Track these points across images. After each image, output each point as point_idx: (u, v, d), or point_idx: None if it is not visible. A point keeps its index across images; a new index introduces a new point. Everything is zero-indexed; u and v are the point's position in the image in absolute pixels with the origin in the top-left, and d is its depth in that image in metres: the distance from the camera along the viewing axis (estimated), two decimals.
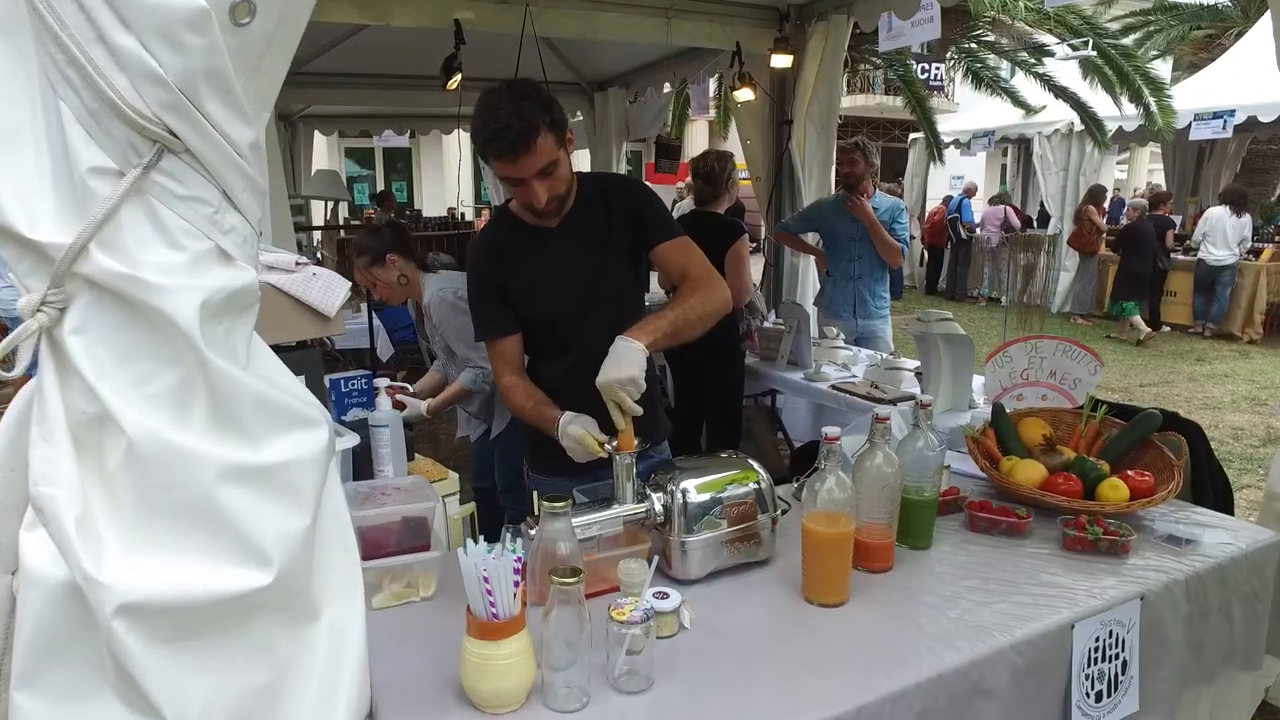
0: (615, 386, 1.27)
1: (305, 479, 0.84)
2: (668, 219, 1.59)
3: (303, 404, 0.87)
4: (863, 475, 1.32)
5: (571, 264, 1.54)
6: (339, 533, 0.97)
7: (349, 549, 0.99)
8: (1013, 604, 1.24)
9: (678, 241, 1.54)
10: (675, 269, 1.53)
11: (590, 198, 1.55)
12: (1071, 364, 1.81)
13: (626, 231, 1.55)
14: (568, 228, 1.55)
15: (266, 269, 1.23)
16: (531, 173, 1.40)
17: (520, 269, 1.55)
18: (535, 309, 1.56)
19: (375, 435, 1.42)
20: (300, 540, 0.83)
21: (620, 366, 1.29)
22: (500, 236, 1.59)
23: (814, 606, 1.25)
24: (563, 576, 0.94)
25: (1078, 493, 1.54)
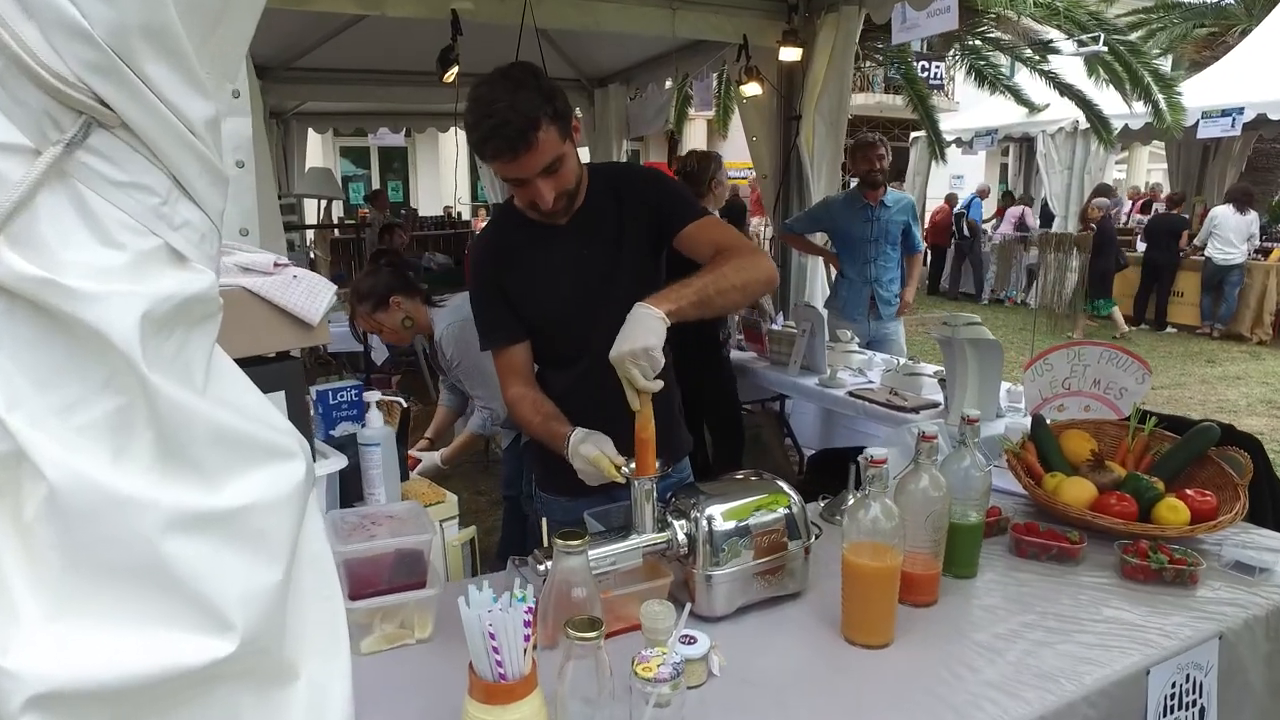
0: (627, 360, 1.12)
1: (276, 523, 0.71)
2: (687, 201, 1.43)
3: (275, 432, 0.73)
4: (906, 499, 1.19)
5: (582, 263, 1.41)
6: (320, 579, 0.83)
7: (331, 596, 0.85)
8: (1078, 644, 1.11)
9: (703, 221, 1.39)
10: (705, 246, 1.37)
11: (600, 191, 1.42)
12: (1118, 372, 1.68)
13: (642, 224, 1.42)
14: (577, 225, 1.41)
15: (241, 271, 1.09)
16: (535, 171, 1.27)
17: (526, 270, 1.42)
18: (542, 313, 1.43)
19: (364, 455, 1.29)
20: (270, 597, 0.69)
21: (632, 336, 1.13)
22: (504, 236, 1.46)
23: (855, 648, 1.12)
24: (581, 630, 0.81)
25: (1133, 514, 1.41)
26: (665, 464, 1.18)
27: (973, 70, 8.35)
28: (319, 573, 0.84)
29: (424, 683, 1.03)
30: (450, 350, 2.21)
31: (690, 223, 1.40)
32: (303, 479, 0.75)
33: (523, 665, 0.81)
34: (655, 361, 1.14)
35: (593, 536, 1.17)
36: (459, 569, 1.39)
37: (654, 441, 1.16)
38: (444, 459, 2.34)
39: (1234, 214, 7.13)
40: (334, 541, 1.08)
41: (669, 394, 1.55)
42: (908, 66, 8.97)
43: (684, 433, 1.61)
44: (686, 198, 1.47)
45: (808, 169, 4.00)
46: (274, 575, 0.70)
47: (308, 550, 0.81)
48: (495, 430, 2.30)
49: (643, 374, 1.13)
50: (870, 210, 3.38)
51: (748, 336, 3.37)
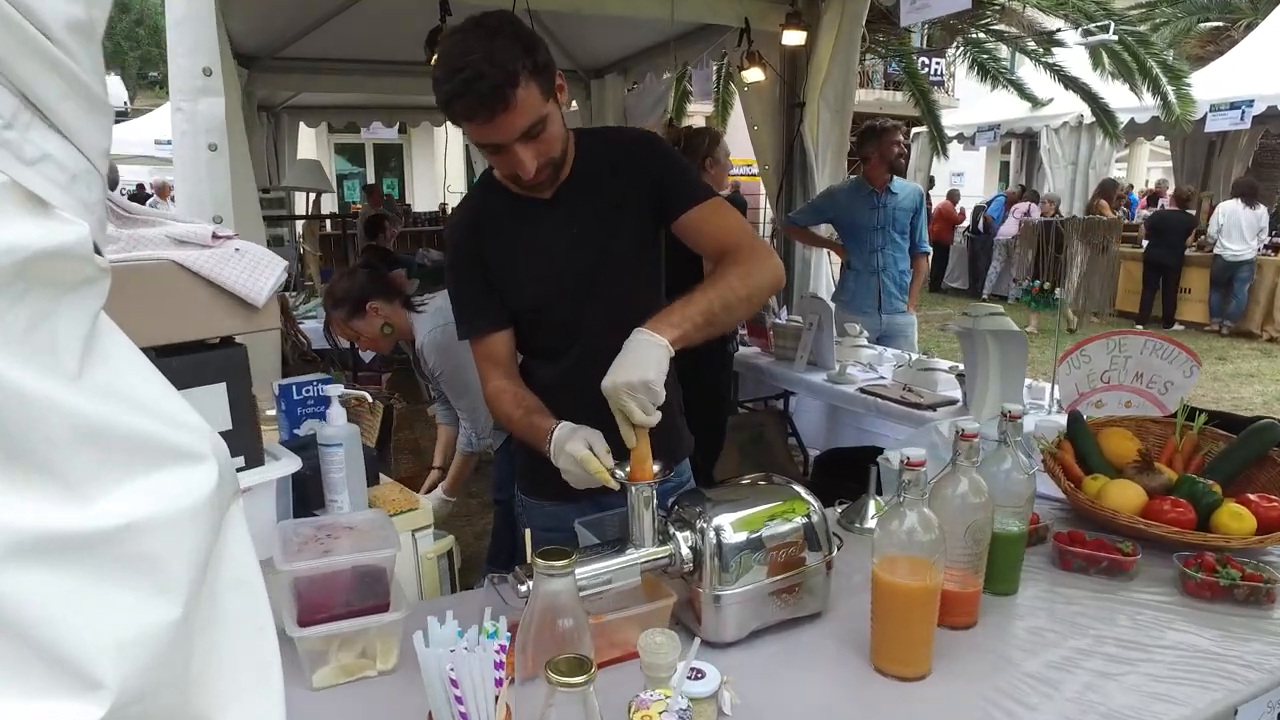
0: (624, 393, 0.98)
1: (172, 545, 0.55)
2: (692, 180, 1.27)
3: (175, 429, 0.58)
4: (942, 507, 1.04)
5: (570, 241, 1.25)
6: (246, 608, 0.67)
7: (262, 629, 0.69)
8: (1146, 676, 0.96)
9: (707, 206, 1.23)
10: (708, 241, 1.22)
11: (593, 159, 1.25)
12: (1163, 364, 1.54)
13: (639, 199, 1.25)
14: (565, 197, 1.25)
15: (173, 243, 0.94)
16: (514, 135, 1.10)
17: (508, 248, 1.26)
18: (526, 296, 1.27)
19: (325, 457, 1.13)
20: (161, 640, 0.54)
21: (631, 367, 0.99)
22: (483, 210, 1.29)
23: (887, 679, 0.97)
24: (565, 674, 0.66)
25: (1190, 522, 1.26)
26: (666, 467, 1.03)
27: (975, 64, 8.21)
28: (245, 600, 0.68)
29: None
30: (433, 360, 2.06)
31: (693, 206, 1.24)
32: (213, 488, 0.59)
33: (493, 716, 0.66)
34: (655, 396, 1.00)
35: (583, 551, 1.02)
36: (435, 585, 1.24)
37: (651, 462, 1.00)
38: (447, 491, 2.22)
39: (1243, 209, 6.98)
40: (281, 558, 0.92)
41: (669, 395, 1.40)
42: (909, 61, 8.83)
43: (685, 433, 1.45)
44: (691, 175, 1.30)
45: (811, 159, 3.85)
46: (167, 612, 0.54)
47: (229, 574, 0.66)
48: (486, 444, 2.16)
49: (640, 408, 0.99)
50: (876, 198, 3.23)
51: (751, 331, 3.22)
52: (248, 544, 0.69)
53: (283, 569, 0.90)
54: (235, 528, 0.67)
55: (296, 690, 0.95)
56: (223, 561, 0.65)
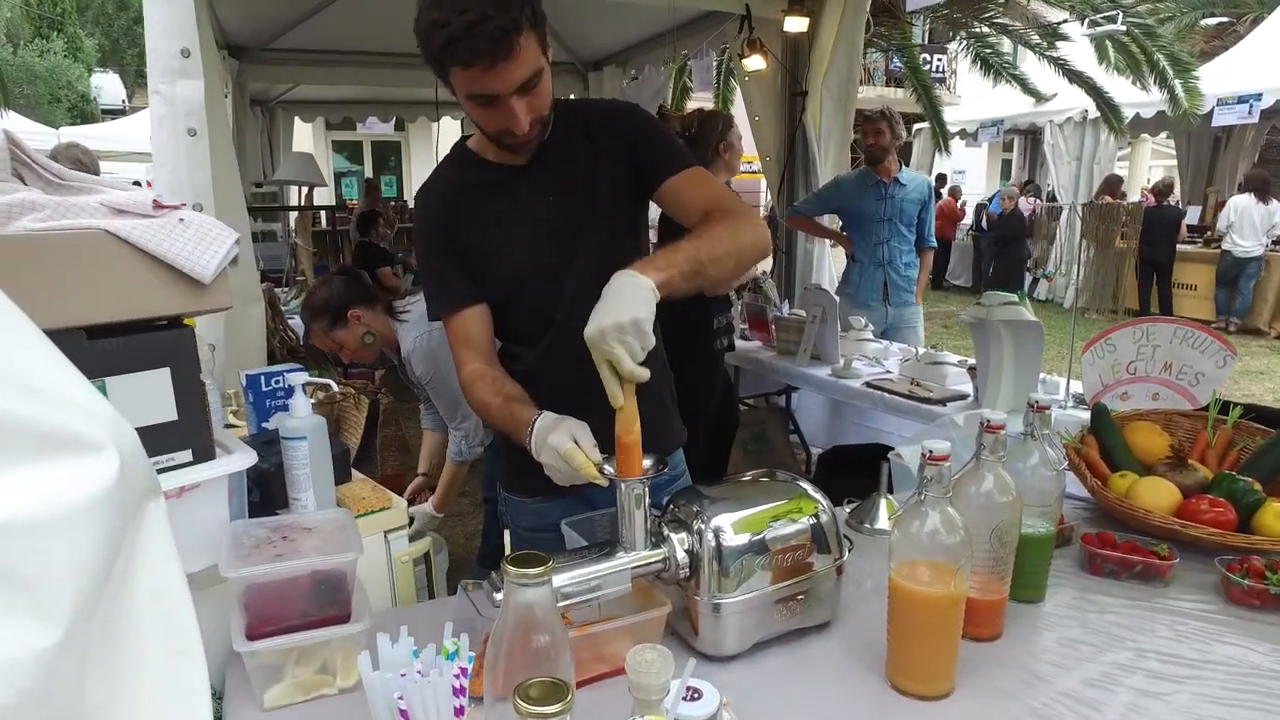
0: (611, 336, 0.87)
1: (49, 552, 0.45)
2: (674, 147, 1.19)
3: (64, 412, 0.48)
4: (965, 506, 0.94)
5: (547, 212, 1.16)
6: (166, 626, 0.58)
7: (185, 650, 0.60)
8: (1196, 695, 0.86)
9: (691, 174, 1.15)
10: (692, 206, 1.13)
11: (569, 127, 1.17)
12: (1194, 354, 1.44)
13: (619, 168, 1.17)
14: (541, 166, 1.17)
15: (111, 212, 0.84)
16: (512, 86, 1.02)
17: (481, 220, 1.16)
18: (500, 272, 1.17)
19: (287, 451, 1.03)
20: (32, 670, 0.44)
21: (616, 307, 0.89)
22: (454, 180, 1.20)
23: (905, 698, 0.87)
24: (537, 702, 0.56)
25: (1231, 523, 1.16)
26: (658, 463, 0.93)
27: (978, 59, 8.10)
28: (164, 617, 0.58)
29: None
30: (420, 367, 1.96)
31: (676, 173, 1.15)
32: (111, 483, 0.49)
33: None
34: (646, 339, 0.89)
35: (568, 554, 0.92)
36: (410, 592, 1.14)
37: (640, 446, 0.90)
38: (437, 506, 2.11)
39: (1255, 204, 6.85)
40: (228, 563, 0.83)
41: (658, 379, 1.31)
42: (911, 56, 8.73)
43: (677, 423, 1.36)
44: (672, 143, 1.21)
45: (814, 149, 3.75)
46: (41, 637, 0.44)
47: (143, 586, 0.56)
48: (476, 452, 2.06)
49: (629, 354, 0.88)
50: (883, 188, 3.13)
51: (753, 325, 3.12)
52: (169, 551, 0.59)
53: (228, 575, 0.80)
54: (153, 532, 0.57)
55: (247, 711, 0.85)
56: (135, 573, 0.55)
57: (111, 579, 0.52)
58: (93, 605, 0.49)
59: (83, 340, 0.80)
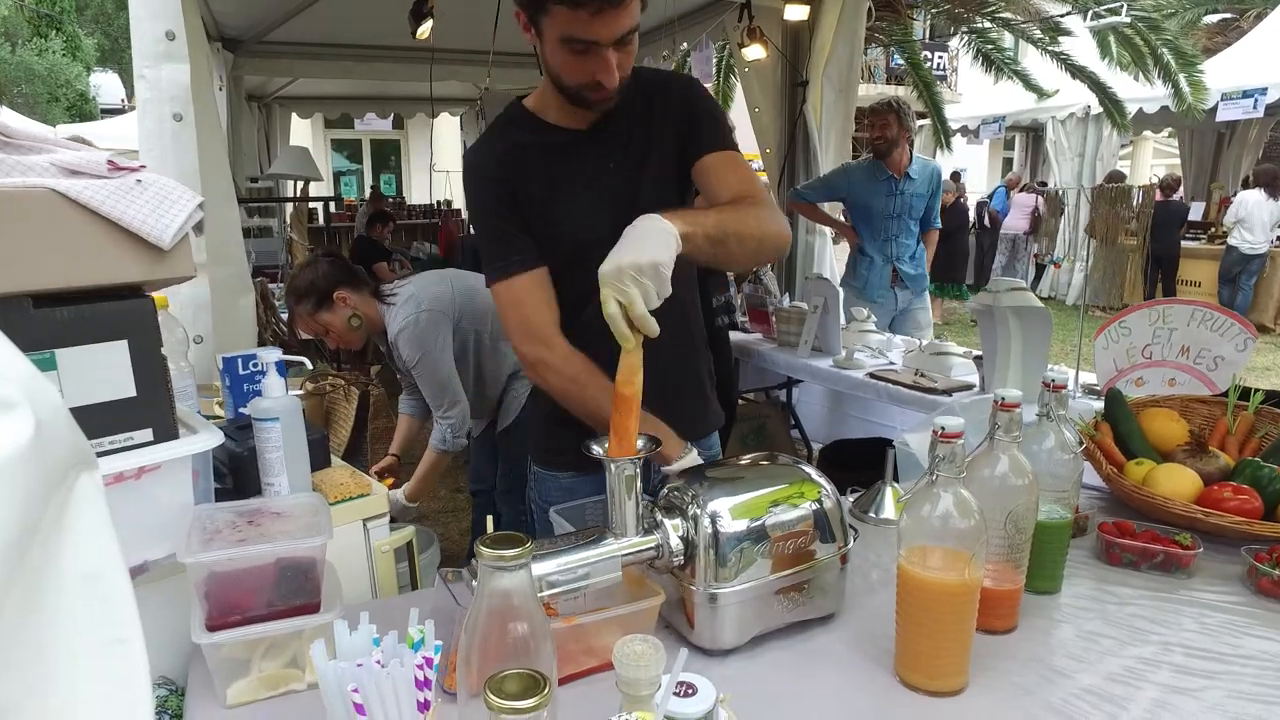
0: (629, 274, 0.83)
1: None
2: (721, 127, 1.18)
3: None
4: (979, 490, 0.88)
5: (607, 179, 1.14)
6: (100, 613, 0.52)
7: (122, 639, 0.54)
8: (1228, 694, 0.80)
9: (729, 154, 1.14)
10: (723, 187, 1.11)
11: (630, 96, 1.14)
12: (1213, 337, 1.38)
13: (671, 139, 1.15)
14: (601, 134, 1.15)
15: (62, 172, 0.78)
16: (615, 35, 0.99)
17: (536, 176, 1.13)
18: (559, 237, 1.13)
19: (260, 433, 0.98)
20: None
21: (636, 247, 0.85)
22: (511, 135, 1.16)
23: (915, 694, 0.81)
24: (511, 694, 0.50)
25: (1256, 511, 1.10)
26: (651, 442, 0.87)
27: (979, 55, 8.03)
28: (97, 603, 0.52)
29: None
30: (406, 351, 1.90)
31: (717, 151, 1.14)
32: (22, 446, 0.43)
33: None
34: (663, 285, 0.85)
35: (555, 540, 0.86)
36: (391, 583, 1.08)
37: (638, 402, 0.85)
38: (410, 495, 2.03)
39: (1265, 199, 6.76)
40: (190, 548, 0.77)
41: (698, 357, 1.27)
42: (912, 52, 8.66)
43: (715, 404, 1.33)
44: (720, 122, 1.20)
45: (815, 139, 3.69)
46: None
47: (72, 569, 0.50)
48: (460, 444, 1.99)
49: (644, 296, 0.83)
50: (894, 183, 3.06)
51: (753, 317, 3.06)
52: (104, 531, 0.53)
53: (186, 560, 0.74)
54: (84, 509, 0.51)
55: (209, 708, 0.79)
56: (61, 552, 0.50)
57: (29, 557, 0.46)
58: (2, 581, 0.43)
59: (29, 308, 0.75)
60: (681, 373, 1.23)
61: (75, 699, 0.50)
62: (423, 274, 2.11)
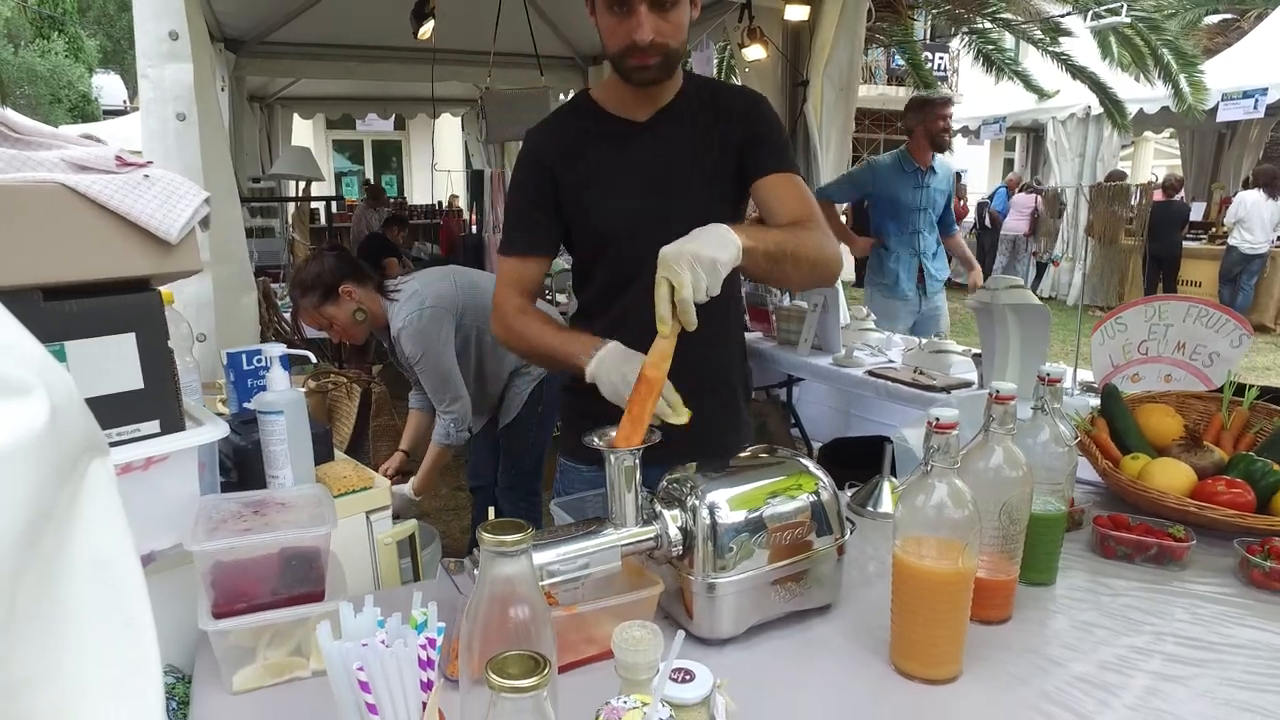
0: (686, 259, 0.87)
1: None
2: (784, 148, 1.21)
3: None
4: (973, 482, 0.89)
5: (657, 167, 1.17)
6: (110, 598, 0.53)
7: (131, 621, 0.55)
8: (1218, 681, 0.81)
9: (791, 177, 1.17)
10: (783, 209, 1.14)
11: (696, 98, 1.19)
12: (1208, 333, 1.39)
13: (731, 149, 1.18)
14: (658, 123, 1.18)
15: (72, 168, 0.79)
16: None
17: (589, 163, 1.17)
18: (599, 218, 1.18)
19: (264, 426, 0.99)
20: None
21: (702, 241, 0.90)
22: (570, 122, 1.21)
23: (911, 682, 0.82)
24: (512, 674, 0.51)
25: (1249, 505, 1.11)
26: (653, 433, 0.88)
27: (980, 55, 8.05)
28: (108, 586, 0.54)
29: None
30: (409, 346, 1.92)
31: (779, 172, 1.17)
32: (38, 430, 0.45)
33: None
34: (716, 280, 0.89)
35: (556, 530, 0.88)
36: (394, 575, 1.09)
37: (659, 388, 0.88)
38: (417, 489, 2.06)
39: (1265, 200, 6.77)
40: (195, 537, 0.78)
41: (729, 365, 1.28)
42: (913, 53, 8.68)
43: (746, 416, 1.35)
44: (785, 143, 1.24)
45: (815, 139, 3.70)
46: None
47: (84, 554, 0.51)
48: (463, 438, 2.01)
49: (694, 283, 0.87)
50: (920, 175, 3.06)
51: (753, 316, 3.07)
52: (114, 516, 0.54)
53: (192, 549, 0.76)
54: (96, 495, 0.53)
55: (215, 694, 0.81)
56: (74, 535, 0.51)
57: (43, 540, 0.47)
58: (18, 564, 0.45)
59: (38, 301, 0.76)
60: (713, 378, 1.25)
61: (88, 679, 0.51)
62: (426, 270, 2.13)
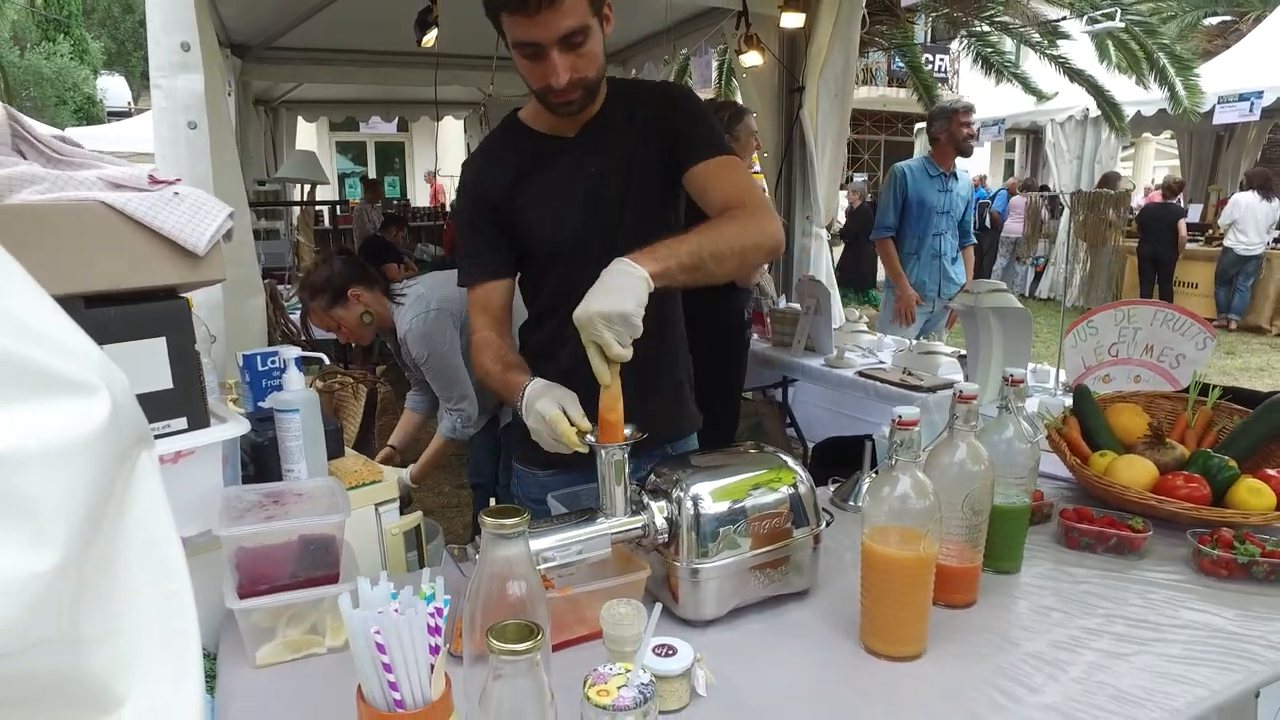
0: (599, 322, 0.90)
1: (48, 484, 0.48)
2: (709, 133, 1.20)
3: (58, 355, 0.51)
4: (940, 476, 0.97)
5: (589, 183, 1.19)
6: (158, 571, 0.61)
7: (175, 593, 0.62)
8: (1159, 656, 0.88)
9: (719, 161, 1.16)
10: (714, 197, 1.13)
11: (620, 105, 1.20)
12: (1174, 336, 1.46)
13: (655, 148, 1.19)
14: (588, 138, 1.20)
15: (108, 186, 0.87)
16: (554, 36, 1.04)
17: (523, 187, 1.20)
18: (538, 239, 1.21)
19: (280, 423, 1.07)
20: (32, 592, 0.47)
21: (607, 296, 0.91)
22: (502, 146, 1.24)
23: (878, 659, 0.90)
24: (508, 640, 0.58)
25: (1205, 498, 1.18)
26: (638, 430, 0.95)
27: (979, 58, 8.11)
28: (156, 561, 0.61)
29: (336, 707, 0.81)
30: (416, 349, 1.99)
31: (707, 159, 1.16)
32: (103, 423, 0.52)
33: (427, 689, 0.59)
34: (633, 328, 0.92)
35: (552, 520, 0.95)
36: (400, 563, 1.17)
37: (621, 424, 0.93)
38: (414, 477, 2.13)
39: (1259, 201, 6.83)
40: (222, 524, 0.86)
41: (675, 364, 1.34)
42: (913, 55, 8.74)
43: (693, 408, 1.39)
44: (710, 128, 1.22)
45: (811, 143, 3.77)
46: (41, 560, 0.47)
47: (136, 532, 0.59)
48: (468, 434, 2.08)
49: (616, 340, 0.91)
50: (944, 179, 3.17)
51: None
52: (160, 501, 0.62)
53: (220, 534, 0.83)
54: (145, 481, 0.60)
55: (239, 669, 0.88)
56: (128, 517, 0.58)
57: (105, 520, 0.55)
58: (87, 539, 0.52)
59: (80, 308, 0.83)
60: (656, 373, 1.27)
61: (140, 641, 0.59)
62: (431, 274, 2.20)
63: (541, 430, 0.98)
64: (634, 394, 0.95)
